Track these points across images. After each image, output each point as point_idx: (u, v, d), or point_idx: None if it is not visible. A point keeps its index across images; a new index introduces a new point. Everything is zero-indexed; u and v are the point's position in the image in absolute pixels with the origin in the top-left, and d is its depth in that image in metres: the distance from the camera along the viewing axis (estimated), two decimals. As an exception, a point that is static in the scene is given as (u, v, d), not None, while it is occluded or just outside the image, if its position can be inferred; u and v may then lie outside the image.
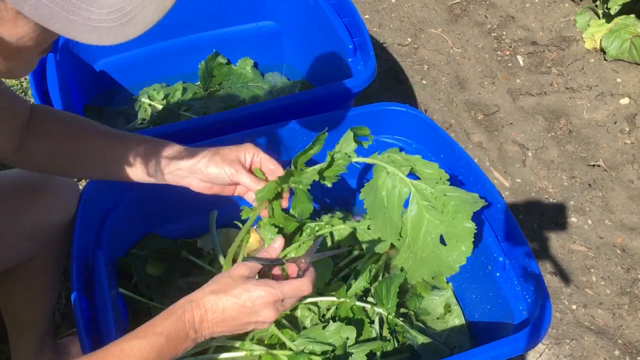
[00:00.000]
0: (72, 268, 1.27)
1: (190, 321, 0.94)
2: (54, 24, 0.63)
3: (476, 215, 1.46)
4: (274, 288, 0.99)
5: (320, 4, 1.92)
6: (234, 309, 0.97)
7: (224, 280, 0.99)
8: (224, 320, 0.97)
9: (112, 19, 0.65)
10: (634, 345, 1.78)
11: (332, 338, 1.33)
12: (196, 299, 0.96)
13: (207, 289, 0.98)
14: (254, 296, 0.97)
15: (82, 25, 0.64)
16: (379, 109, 1.64)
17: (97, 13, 0.64)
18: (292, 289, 1.02)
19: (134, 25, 0.66)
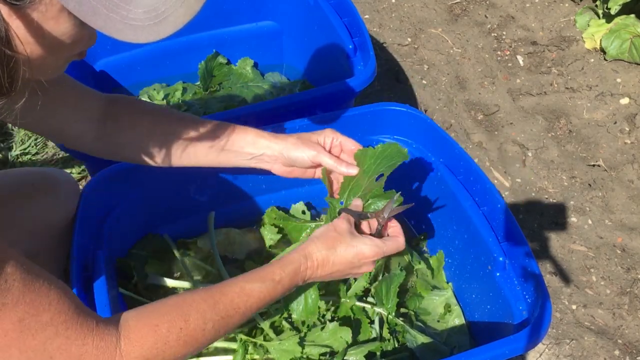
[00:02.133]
0: (72, 268, 1.27)
1: (303, 274, 1.05)
2: (95, 21, 0.67)
3: (476, 215, 1.47)
4: (377, 247, 1.09)
5: (320, 4, 1.92)
6: (342, 263, 1.07)
7: (333, 235, 1.08)
8: (331, 273, 1.08)
9: (147, 18, 0.69)
10: (634, 345, 1.78)
11: (329, 340, 1.33)
12: (310, 254, 1.06)
13: (319, 244, 1.07)
14: (360, 254, 1.08)
15: (120, 22, 0.68)
16: (379, 109, 1.64)
17: (134, 12, 0.68)
18: (394, 247, 1.13)
19: (166, 25, 0.71)
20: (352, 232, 1.11)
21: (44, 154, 2.15)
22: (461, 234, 1.54)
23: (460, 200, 1.50)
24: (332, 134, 1.28)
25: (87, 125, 1.16)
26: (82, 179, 2.07)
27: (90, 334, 0.81)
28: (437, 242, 1.66)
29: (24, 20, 0.68)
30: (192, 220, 1.67)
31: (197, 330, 0.91)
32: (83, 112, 1.16)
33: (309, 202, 1.77)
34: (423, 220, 1.71)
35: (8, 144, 2.16)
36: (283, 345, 1.30)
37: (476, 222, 1.45)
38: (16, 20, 0.67)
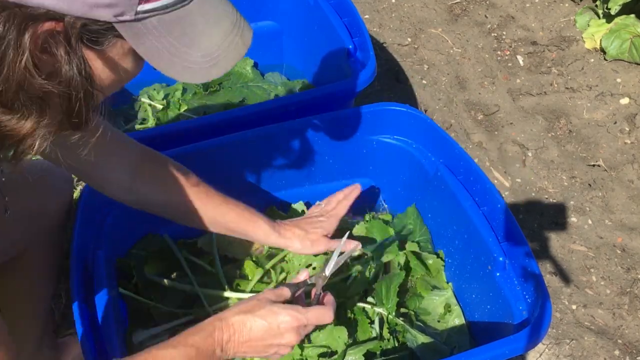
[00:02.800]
0: (72, 268, 1.27)
1: (219, 339, 0.99)
2: (158, 63, 0.76)
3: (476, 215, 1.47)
4: (299, 313, 1.05)
5: (320, 4, 1.92)
6: (260, 329, 1.02)
7: (253, 302, 1.05)
8: (249, 340, 1.02)
9: (204, 62, 0.77)
10: (634, 345, 1.78)
11: (326, 340, 1.33)
12: (225, 318, 1.01)
13: (235, 309, 1.03)
14: (279, 319, 1.03)
15: (180, 65, 0.76)
16: (379, 109, 1.64)
17: (194, 56, 0.77)
18: (316, 316, 1.08)
19: (219, 67, 0.79)
20: (275, 302, 1.07)
21: (44, 154, 2.14)
22: (461, 234, 1.54)
23: (460, 200, 1.50)
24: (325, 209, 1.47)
25: (121, 175, 1.21)
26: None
27: None
28: (437, 242, 1.66)
29: (102, 59, 0.76)
30: (192, 220, 1.66)
31: None
32: (119, 162, 1.20)
33: (308, 201, 1.77)
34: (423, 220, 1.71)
35: (8, 144, 2.16)
36: None
37: (476, 222, 1.45)
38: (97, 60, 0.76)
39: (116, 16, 0.71)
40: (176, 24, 0.75)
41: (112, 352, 1.18)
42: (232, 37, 0.79)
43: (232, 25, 0.79)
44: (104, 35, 0.73)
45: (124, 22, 0.72)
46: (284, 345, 1.05)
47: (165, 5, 0.73)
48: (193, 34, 0.76)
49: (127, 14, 0.71)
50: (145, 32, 0.73)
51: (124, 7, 0.71)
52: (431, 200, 1.65)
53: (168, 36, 0.74)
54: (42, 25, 0.69)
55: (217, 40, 0.78)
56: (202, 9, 0.76)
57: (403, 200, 1.76)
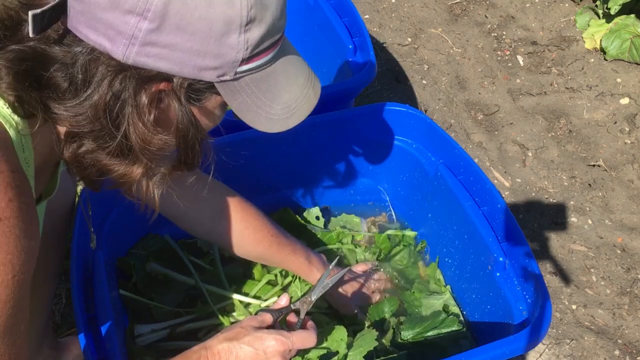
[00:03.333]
0: (72, 268, 1.27)
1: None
2: (245, 115, 0.84)
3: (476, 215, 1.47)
4: (285, 338, 1.06)
5: (320, 4, 1.92)
6: (247, 356, 1.02)
7: (237, 330, 1.05)
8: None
9: (282, 114, 0.86)
10: (634, 345, 1.78)
11: (326, 342, 1.33)
12: (210, 346, 1.01)
13: (220, 337, 1.04)
14: (265, 344, 1.03)
15: (263, 117, 0.85)
16: (379, 109, 1.64)
17: (275, 109, 0.85)
18: (301, 340, 1.09)
19: (294, 118, 0.88)
20: (259, 328, 1.08)
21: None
22: (461, 234, 1.54)
23: (460, 200, 1.50)
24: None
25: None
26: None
27: None
28: (437, 242, 1.66)
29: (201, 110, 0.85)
30: (192, 220, 1.66)
31: None
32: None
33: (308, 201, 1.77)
34: (423, 221, 1.71)
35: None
36: None
37: (476, 222, 1.45)
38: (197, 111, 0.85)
39: (219, 77, 0.79)
40: (264, 81, 0.83)
41: (112, 352, 1.18)
42: (306, 91, 0.89)
43: (306, 80, 0.90)
44: (204, 93, 0.82)
45: (224, 81, 0.80)
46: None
47: (259, 65, 0.81)
48: (276, 89, 0.84)
49: (228, 74, 0.79)
50: (239, 89, 0.81)
51: (227, 69, 0.78)
52: (431, 200, 1.65)
53: (257, 92, 0.83)
54: (158, 85, 0.77)
55: (295, 94, 0.87)
56: (284, 67, 0.85)
57: (403, 200, 1.76)
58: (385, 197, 1.82)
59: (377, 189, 1.82)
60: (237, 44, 0.77)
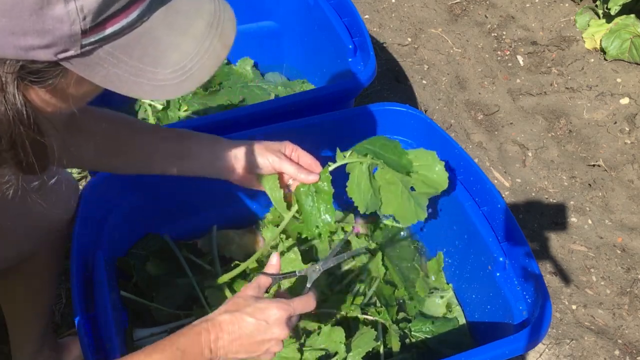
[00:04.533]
0: (72, 268, 1.27)
1: (206, 340, 0.97)
2: (122, 87, 0.69)
3: (476, 215, 1.47)
4: (286, 304, 1.02)
5: (320, 4, 1.92)
6: (249, 326, 0.99)
7: (237, 300, 1.02)
8: (239, 338, 0.99)
9: (174, 77, 0.70)
10: (634, 345, 1.78)
11: (324, 342, 1.33)
12: (212, 318, 0.99)
13: (222, 309, 1.01)
14: (267, 313, 1.00)
15: (147, 85, 0.69)
16: (379, 109, 1.64)
17: (162, 73, 0.69)
18: (301, 305, 1.05)
19: (192, 80, 0.71)
20: (258, 297, 1.04)
21: (44, 154, 2.15)
22: (461, 234, 1.54)
23: (460, 200, 1.50)
24: (292, 146, 1.27)
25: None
26: (82, 179, 2.07)
27: None
28: (437, 242, 1.66)
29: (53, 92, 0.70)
30: (191, 220, 1.67)
31: None
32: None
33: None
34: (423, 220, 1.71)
35: (8, 144, 2.16)
36: (282, 352, 1.30)
37: (476, 222, 1.45)
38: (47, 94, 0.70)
39: (58, 54, 0.65)
40: (135, 46, 0.68)
41: (112, 352, 1.18)
42: (207, 42, 0.71)
43: (207, 27, 0.72)
44: (47, 73, 0.67)
45: (70, 58, 0.66)
46: (275, 340, 1.02)
47: (115, 31, 0.66)
48: (156, 51, 0.69)
49: (72, 49, 0.65)
50: (97, 62, 0.67)
51: (66, 44, 0.65)
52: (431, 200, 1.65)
53: (128, 60, 0.68)
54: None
55: (188, 49, 0.70)
56: (165, 21, 0.69)
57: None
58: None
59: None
60: (66, 15, 0.63)
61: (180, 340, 0.95)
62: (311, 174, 1.23)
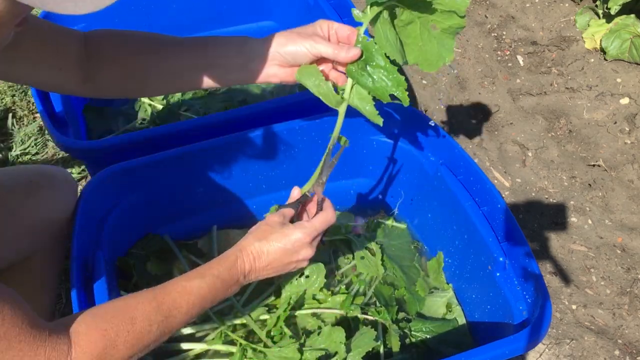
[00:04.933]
0: (72, 268, 1.27)
1: (241, 268, 1.06)
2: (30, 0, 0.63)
3: (476, 215, 1.47)
4: (307, 228, 1.10)
5: (320, 3, 1.92)
6: (277, 252, 1.08)
7: (263, 228, 1.10)
8: (269, 264, 1.09)
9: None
10: (634, 345, 1.78)
11: (324, 342, 1.33)
12: (244, 247, 1.08)
13: (251, 238, 1.09)
14: (292, 238, 1.09)
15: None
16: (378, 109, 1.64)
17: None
18: (322, 222, 1.13)
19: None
20: (283, 223, 1.12)
21: (44, 154, 2.15)
22: (461, 234, 1.54)
23: (460, 200, 1.50)
24: (327, 23, 1.18)
25: (70, 72, 1.13)
26: (82, 179, 2.07)
27: (42, 346, 0.82)
28: (437, 242, 1.66)
29: None
30: (192, 220, 1.67)
31: (143, 333, 0.93)
32: (64, 58, 1.12)
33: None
34: (423, 221, 1.71)
35: (8, 144, 2.16)
36: (282, 352, 1.30)
37: (476, 222, 1.45)
38: None
39: None
40: None
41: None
42: None
43: None
44: None
45: None
46: (301, 260, 1.12)
47: None
48: None
49: None
50: None
51: None
52: (431, 200, 1.65)
53: None
54: None
55: None
56: None
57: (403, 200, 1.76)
58: (385, 197, 1.82)
59: (377, 189, 1.82)
60: None
61: (218, 269, 1.03)
62: (351, 49, 1.12)
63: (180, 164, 1.54)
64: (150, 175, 1.50)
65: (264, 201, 1.73)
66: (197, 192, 1.62)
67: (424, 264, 1.68)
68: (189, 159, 1.55)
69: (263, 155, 1.65)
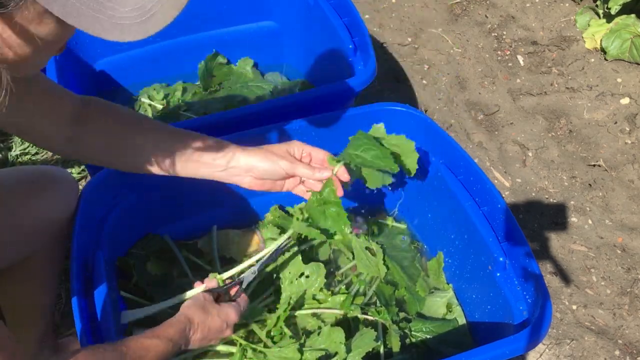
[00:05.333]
0: (72, 268, 1.27)
1: (187, 335, 1.18)
2: (80, 22, 0.67)
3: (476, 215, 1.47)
4: (236, 309, 1.29)
5: (320, 3, 1.92)
6: (216, 325, 1.24)
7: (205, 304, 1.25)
8: (207, 336, 1.23)
9: (134, 17, 0.69)
10: (634, 345, 1.78)
11: (324, 343, 1.33)
12: (191, 318, 1.20)
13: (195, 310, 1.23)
14: (229, 316, 1.27)
15: (106, 22, 0.68)
16: (379, 109, 1.64)
17: (120, 11, 0.68)
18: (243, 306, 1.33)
19: (155, 22, 0.70)
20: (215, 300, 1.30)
21: (44, 154, 2.15)
22: (461, 234, 1.54)
23: (460, 200, 1.50)
24: (301, 145, 1.28)
25: (59, 127, 1.16)
26: (82, 179, 2.07)
27: None
28: (437, 242, 1.66)
29: (8, 24, 0.68)
30: (192, 220, 1.67)
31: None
32: (56, 113, 1.15)
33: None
34: (423, 221, 1.71)
35: (8, 144, 2.16)
36: (282, 352, 1.30)
37: (476, 222, 1.45)
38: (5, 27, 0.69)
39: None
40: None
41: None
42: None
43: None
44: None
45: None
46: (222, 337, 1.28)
47: None
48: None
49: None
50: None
51: None
52: (431, 200, 1.64)
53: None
54: None
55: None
56: None
57: (403, 201, 1.76)
58: (385, 197, 1.82)
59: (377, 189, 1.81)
60: None
61: (170, 332, 1.14)
62: (325, 170, 1.26)
63: (180, 164, 1.54)
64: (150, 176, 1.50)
65: (264, 201, 1.73)
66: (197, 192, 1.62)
67: (424, 264, 1.68)
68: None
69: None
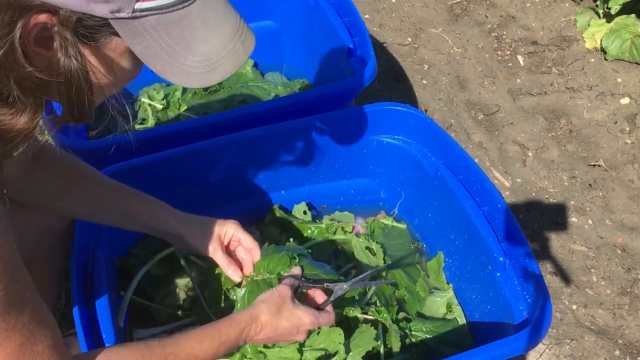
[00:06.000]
0: (72, 268, 1.27)
1: (247, 334, 1.10)
2: (155, 65, 0.76)
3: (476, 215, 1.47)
4: (315, 318, 1.18)
5: (320, 3, 1.92)
6: (285, 328, 1.15)
7: (278, 300, 1.15)
8: (273, 336, 1.14)
9: (201, 67, 0.78)
10: (634, 345, 1.78)
11: (324, 343, 1.33)
12: (257, 317, 1.12)
13: (264, 308, 1.14)
14: (301, 322, 1.16)
15: (176, 68, 0.77)
16: (379, 109, 1.64)
17: (191, 60, 0.77)
18: (326, 321, 1.21)
19: (217, 73, 0.79)
20: (293, 299, 1.18)
21: (44, 154, 2.15)
22: (461, 234, 1.54)
23: (460, 200, 1.50)
24: (235, 228, 1.31)
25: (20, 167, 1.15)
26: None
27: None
28: (437, 242, 1.66)
29: (97, 56, 0.77)
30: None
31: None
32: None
33: (310, 202, 1.77)
34: (423, 220, 1.71)
35: (8, 144, 2.16)
36: (282, 352, 1.30)
37: (476, 222, 1.45)
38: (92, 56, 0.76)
39: (113, 12, 0.71)
40: (175, 26, 0.74)
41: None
42: (232, 44, 0.80)
43: (234, 32, 0.80)
44: (99, 31, 0.73)
45: (121, 19, 0.72)
46: (294, 340, 1.19)
47: (163, 5, 0.72)
48: (191, 37, 0.76)
49: (124, 11, 0.71)
50: (142, 31, 0.73)
51: (121, 4, 0.71)
52: (431, 200, 1.65)
53: (166, 37, 0.74)
54: (36, 17, 0.69)
55: (216, 45, 0.78)
56: (201, 13, 0.76)
57: (403, 201, 1.76)
58: (385, 197, 1.82)
59: (377, 189, 1.82)
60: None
61: (228, 333, 1.07)
62: (237, 273, 1.29)
63: (180, 163, 1.54)
64: (150, 175, 1.50)
65: (264, 201, 1.73)
66: (197, 191, 1.62)
67: (424, 264, 1.68)
68: (188, 159, 1.55)
69: (263, 154, 1.65)
